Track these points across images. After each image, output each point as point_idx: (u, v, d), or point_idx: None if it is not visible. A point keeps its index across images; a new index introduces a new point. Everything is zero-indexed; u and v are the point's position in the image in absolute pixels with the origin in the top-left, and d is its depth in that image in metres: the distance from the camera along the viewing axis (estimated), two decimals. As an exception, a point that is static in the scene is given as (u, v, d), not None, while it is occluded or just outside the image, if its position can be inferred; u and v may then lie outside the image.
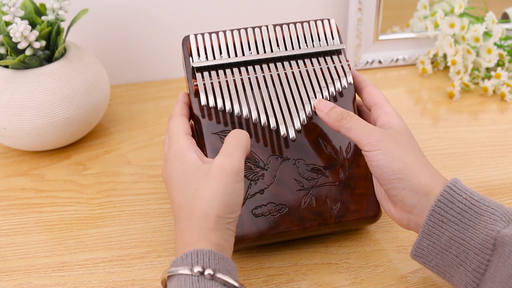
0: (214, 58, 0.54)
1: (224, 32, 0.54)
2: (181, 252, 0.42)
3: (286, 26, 0.56)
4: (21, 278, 0.53)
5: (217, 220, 0.43)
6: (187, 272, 0.40)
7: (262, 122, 0.52)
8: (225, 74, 0.53)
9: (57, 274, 0.53)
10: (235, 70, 0.54)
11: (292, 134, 0.52)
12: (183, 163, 0.46)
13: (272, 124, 0.51)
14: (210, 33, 0.54)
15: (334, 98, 0.54)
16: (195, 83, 0.53)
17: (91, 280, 0.52)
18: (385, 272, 0.52)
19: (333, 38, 0.56)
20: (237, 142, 0.46)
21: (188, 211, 0.44)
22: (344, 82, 0.55)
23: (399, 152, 0.46)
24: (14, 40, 0.61)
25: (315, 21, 0.56)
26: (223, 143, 0.51)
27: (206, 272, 0.39)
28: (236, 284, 0.40)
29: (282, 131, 0.51)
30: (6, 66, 0.65)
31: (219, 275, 0.40)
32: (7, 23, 0.64)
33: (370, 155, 0.47)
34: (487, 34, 0.82)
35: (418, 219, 0.46)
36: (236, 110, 0.52)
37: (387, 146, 0.46)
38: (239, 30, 0.55)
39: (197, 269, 0.40)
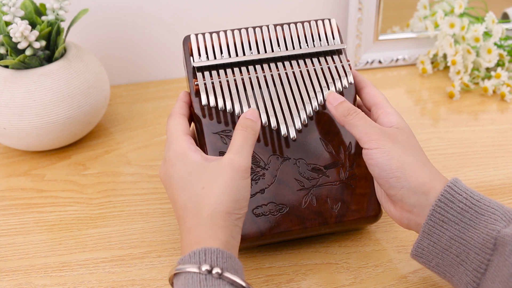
0: (215, 58, 0.54)
1: (225, 31, 0.54)
2: (189, 250, 0.41)
3: (287, 26, 0.56)
4: (21, 278, 0.53)
5: (227, 217, 0.43)
6: (195, 270, 0.40)
7: (263, 121, 0.51)
8: (225, 73, 0.53)
9: (57, 274, 0.53)
10: (236, 69, 0.54)
11: (292, 134, 0.52)
12: (186, 163, 0.46)
13: (273, 123, 0.51)
14: (210, 33, 0.54)
15: (334, 98, 0.55)
16: (195, 83, 0.53)
17: (91, 280, 0.52)
18: (385, 272, 0.52)
19: (333, 38, 0.56)
20: (245, 139, 0.46)
21: (194, 209, 0.44)
22: (344, 82, 0.55)
23: (398, 151, 0.46)
24: (14, 40, 0.61)
25: (316, 21, 0.56)
26: (223, 142, 0.51)
27: (214, 271, 0.39)
28: (243, 284, 0.40)
29: (283, 130, 0.51)
30: (6, 66, 0.65)
31: (227, 274, 0.40)
32: (7, 23, 0.64)
33: (369, 153, 0.47)
34: (487, 34, 0.82)
35: (418, 218, 0.46)
36: (237, 109, 0.52)
37: (386, 145, 0.47)
38: (239, 30, 0.55)
39: (205, 267, 0.39)
